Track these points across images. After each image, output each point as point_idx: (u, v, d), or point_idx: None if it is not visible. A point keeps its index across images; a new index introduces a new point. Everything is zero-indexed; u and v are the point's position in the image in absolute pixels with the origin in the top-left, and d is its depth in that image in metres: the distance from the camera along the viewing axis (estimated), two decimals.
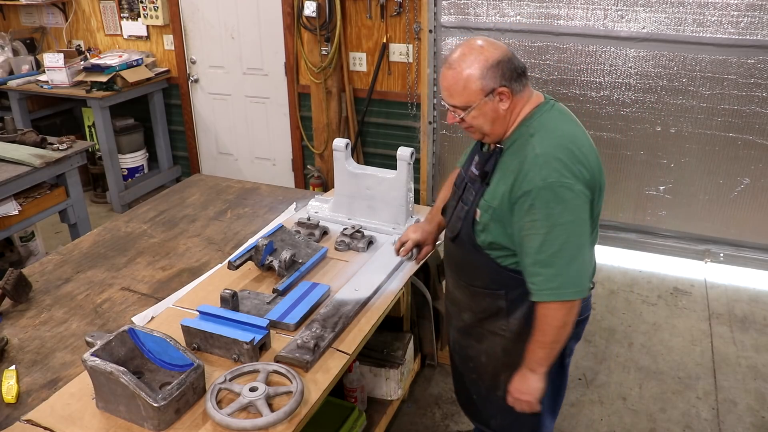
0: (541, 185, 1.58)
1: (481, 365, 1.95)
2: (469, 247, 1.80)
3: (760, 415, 2.76)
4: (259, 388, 1.60)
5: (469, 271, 1.87)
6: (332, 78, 4.31)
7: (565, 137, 1.66)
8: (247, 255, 2.19)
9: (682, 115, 3.70)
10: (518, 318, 1.80)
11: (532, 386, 1.74)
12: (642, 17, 3.58)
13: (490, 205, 1.70)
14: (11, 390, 1.75)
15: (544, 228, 1.58)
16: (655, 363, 3.09)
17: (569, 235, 1.59)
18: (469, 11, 3.90)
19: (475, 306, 1.88)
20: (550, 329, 1.65)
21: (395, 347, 2.61)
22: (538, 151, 1.61)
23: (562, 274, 1.60)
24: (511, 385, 1.80)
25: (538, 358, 1.70)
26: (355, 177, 2.54)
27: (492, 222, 1.71)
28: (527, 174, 1.60)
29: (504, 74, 1.62)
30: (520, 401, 1.78)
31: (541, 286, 1.62)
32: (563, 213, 1.58)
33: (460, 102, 1.65)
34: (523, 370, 1.76)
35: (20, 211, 3.20)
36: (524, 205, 1.61)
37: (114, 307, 2.17)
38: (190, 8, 4.83)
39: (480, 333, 1.91)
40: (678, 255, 3.97)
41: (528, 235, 1.62)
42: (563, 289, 1.60)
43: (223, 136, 5.17)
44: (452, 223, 1.88)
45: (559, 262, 1.59)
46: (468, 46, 1.64)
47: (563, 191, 1.57)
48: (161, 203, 3.00)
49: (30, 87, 4.84)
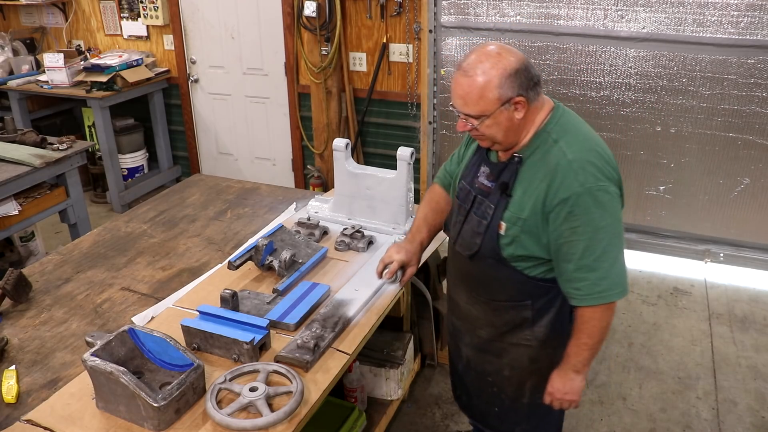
0: (579, 191, 1.56)
1: (504, 378, 1.90)
2: (492, 261, 1.73)
3: (760, 415, 2.76)
4: (259, 388, 1.60)
5: (491, 286, 1.80)
6: (332, 78, 4.31)
7: (589, 140, 1.65)
8: (247, 255, 2.19)
9: (682, 115, 3.70)
10: (544, 326, 1.78)
11: (576, 386, 1.76)
12: (642, 17, 3.58)
13: (518, 216, 1.64)
14: (11, 390, 1.75)
15: (586, 233, 1.57)
16: (655, 363, 3.09)
17: (611, 237, 1.59)
18: (469, 11, 3.90)
19: (497, 320, 1.82)
20: (597, 331, 1.66)
21: (395, 347, 2.61)
22: (570, 157, 1.59)
23: (607, 277, 1.60)
24: (552, 386, 1.79)
25: (584, 360, 1.71)
26: (355, 177, 2.54)
27: (522, 234, 1.65)
28: (563, 181, 1.57)
29: (522, 84, 1.57)
30: (563, 401, 1.79)
31: (587, 291, 1.61)
32: (603, 216, 1.57)
33: (474, 111, 1.59)
34: (566, 371, 1.75)
35: (20, 211, 3.20)
36: (562, 212, 1.58)
37: (114, 307, 2.17)
38: (190, 8, 4.83)
39: (500, 347, 1.86)
40: (678, 255, 3.97)
41: (569, 242, 1.59)
42: (609, 291, 1.61)
43: (223, 136, 5.17)
44: (466, 240, 1.79)
45: (604, 265, 1.59)
46: (484, 53, 1.58)
47: (601, 195, 1.57)
48: (161, 203, 3.00)
49: (30, 87, 4.84)
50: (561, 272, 1.66)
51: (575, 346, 1.71)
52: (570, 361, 1.73)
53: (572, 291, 1.65)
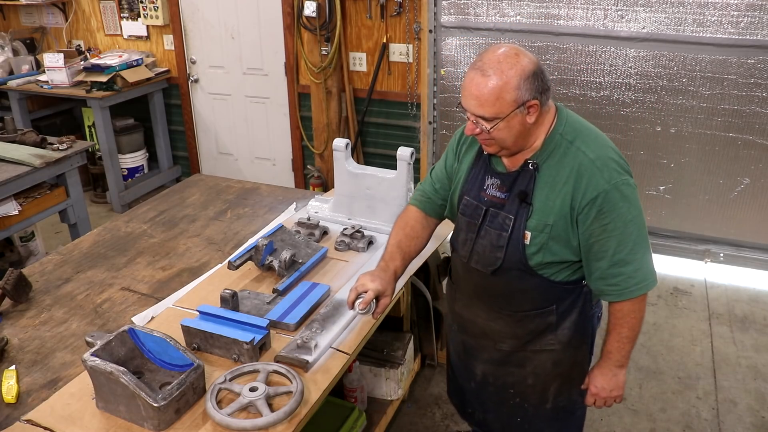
0: (607, 188, 1.56)
1: (527, 387, 1.87)
2: (518, 273, 1.69)
3: (760, 415, 2.76)
4: (259, 388, 1.60)
5: (515, 298, 1.75)
6: (332, 78, 4.31)
7: (600, 137, 1.66)
8: (247, 255, 2.19)
9: (682, 115, 3.70)
10: (567, 327, 1.76)
11: (621, 381, 1.77)
12: (642, 17, 3.58)
13: (545, 223, 1.61)
14: (11, 390, 1.74)
15: (617, 229, 1.57)
16: (655, 363, 3.09)
17: (639, 229, 1.61)
18: (469, 11, 3.90)
19: (521, 331, 1.79)
20: (638, 322, 1.68)
21: (395, 347, 2.61)
22: (592, 156, 1.58)
23: (642, 267, 1.61)
24: (596, 387, 1.79)
25: (627, 353, 1.73)
26: (355, 177, 2.54)
27: (550, 240, 1.62)
28: (590, 180, 1.57)
29: (537, 87, 1.53)
30: (609, 399, 1.81)
31: (626, 284, 1.61)
32: (630, 209, 1.59)
33: (490, 113, 1.53)
34: (609, 368, 1.75)
35: (20, 211, 3.20)
36: (592, 212, 1.57)
37: (114, 307, 2.17)
38: (190, 8, 4.83)
39: (523, 357, 1.83)
40: (678, 255, 3.97)
41: (600, 240, 1.59)
42: (645, 281, 1.62)
43: (223, 136, 5.17)
44: (485, 255, 1.72)
45: (637, 257, 1.61)
46: (503, 53, 1.53)
47: (625, 188, 1.59)
48: (161, 203, 3.00)
49: (30, 87, 4.84)
50: (592, 271, 1.65)
51: (616, 341, 1.71)
52: (612, 357, 1.74)
53: (607, 288, 1.64)
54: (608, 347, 1.74)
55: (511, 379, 1.88)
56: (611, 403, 1.83)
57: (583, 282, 1.73)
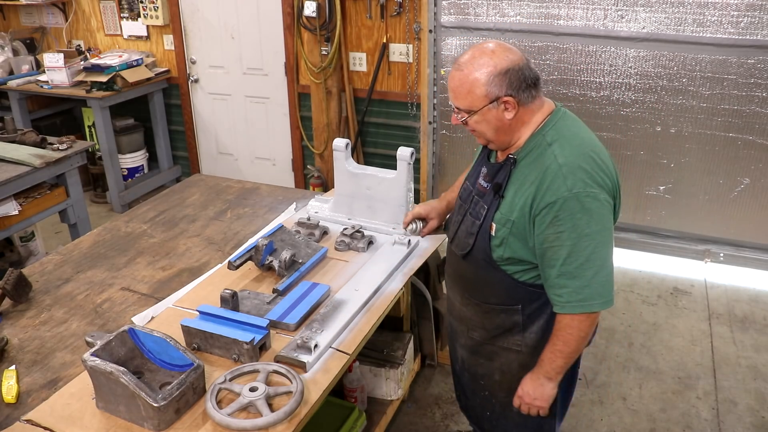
0: (566, 196, 1.54)
1: (494, 383, 1.90)
2: (484, 263, 1.73)
3: (760, 415, 2.76)
4: (259, 388, 1.60)
5: (482, 288, 1.80)
6: (332, 78, 4.31)
7: (584, 145, 1.63)
8: (247, 255, 2.19)
9: (682, 115, 3.70)
10: (534, 332, 1.77)
11: (547, 393, 1.74)
12: (642, 17, 3.58)
13: (508, 218, 1.64)
14: (11, 390, 1.74)
15: (570, 239, 1.55)
16: (655, 363, 3.09)
17: (596, 246, 1.55)
18: (469, 11, 3.90)
19: (488, 323, 1.82)
20: (573, 340, 1.64)
21: (395, 347, 2.61)
22: (561, 161, 1.57)
23: (589, 286, 1.57)
24: (523, 390, 1.78)
25: (557, 367, 1.69)
26: (355, 177, 2.54)
27: (510, 236, 1.65)
28: (551, 185, 1.56)
29: (511, 84, 1.57)
30: (532, 406, 1.78)
31: (568, 298, 1.59)
32: (590, 223, 1.54)
33: (463, 105, 1.63)
34: (538, 376, 1.73)
35: (20, 211, 3.20)
36: (548, 216, 1.56)
37: (114, 307, 2.17)
38: (190, 8, 4.83)
39: (492, 351, 1.86)
40: (678, 255, 3.97)
41: (552, 246, 1.57)
42: (590, 301, 1.58)
43: (223, 136, 5.17)
44: (461, 239, 1.80)
45: (587, 274, 1.56)
46: (479, 49, 1.60)
47: (589, 201, 1.54)
48: (161, 203, 3.00)
49: (30, 87, 4.84)
50: (545, 277, 1.65)
51: (550, 352, 1.69)
52: (543, 367, 1.71)
53: (554, 297, 1.64)
54: (543, 356, 1.72)
55: (482, 371, 1.92)
56: (534, 411, 1.79)
57: None
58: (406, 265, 2.30)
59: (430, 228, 2.22)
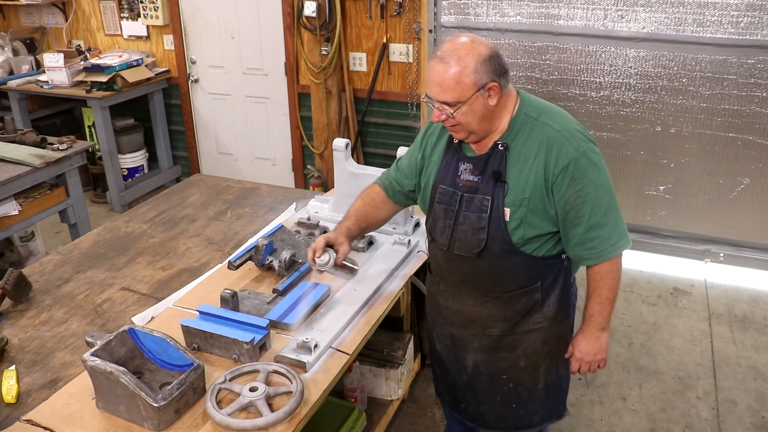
0: (576, 155, 1.64)
1: (519, 370, 1.89)
2: (502, 252, 1.72)
3: (760, 415, 2.76)
4: (259, 388, 1.60)
5: (501, 278, 1.78)
6: (332, 78, 4.31)
7: (562, 112, 1.75)
8: (247, 255, 2.19)
9: (682, 115, 3.70)
10: (552, 303, 1.81)
11: (604, 343, 1.82)
12: (642, 17, 3.58)
13: (522, 197, 1.67)
14: (11, 390, 1.75)
15: (590, 194, 1.65)
16: (655, 363, 3.09)
17: (609, 192, 1.69)
18: (469, 11, 3.90)
19: (509, 312, 1.82)
20: (616, 282, 1.74)
21: (395, 347, 2.61)
22: (558, 128, 1.67)
23: (617, 229, 1.70)
24: (581, 351, 1.83)
25: (608, 314, 1.78)
26: (355, 177, 2.54)
27: (529, 213, 1.68)
28: (560, 150, 1.64)
29: (495, 70, 1.62)
30: (594, 362, 1.85)
31: (603, 246, 1.69)
32: (600, 174, 1.67)
33: (452, 97, 1.62)
34: (592, 331, 1.80)
35: (20, 211, 3.20)
36: (565, 179, 1.64)
37: (114, 307, 2.17)
38: (190, 8, 4.83)
39: (514, 339, 1.85)
40: (678, 255, 3.97)
41: (575, 206, 1.66)
42: (621, 241, 1.71)
43: (223, 136, 5.17)
44: (467, 239, 1.75)
45: (611, 219, 1.69)
46: (458, 42, 1.64)
47: (593, 155, 1.67)
48: (161, 203, 3.00)
49: (30, 87, 4.84)
50: (570, 238, 1.71)
51: (598, 303, 1.76)
52: (595, 320, 1.79)
53: (586, 252, 1.70)
54: (590, 310, 1.79)
55: (503, 365, 1.90)
56: (595, 367, 1.87)
57: (563, 256, 1.79)
58: (406, 265, 2.30)
59: (344, 253, 1.93)
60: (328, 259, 1.91)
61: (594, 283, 1.75)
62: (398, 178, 1.99)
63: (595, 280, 1.75)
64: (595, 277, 1.74)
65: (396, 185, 1.99)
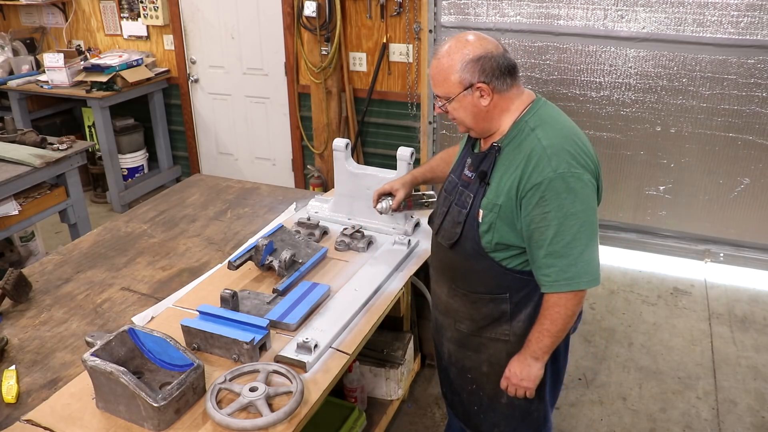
0: (551, 176, 1.57)
1: (482, 375, 1.90)
2: (472, 251, 1.75)
3: (760, 415, 2.76)
4: (259, 388, 1.60)
5: (470, 277, 1.81)
6: (332, 78, 4.31)
7: (566, 129, 1.68)
8: (247, 255, 2.19)
9: (682, 115, 3.70)
10: (522, 320, 1.78)
11: (533, 373, 1.75)
12: (642, 17, 3.58)
13: (495, 203, 1.67)
14: (11, 390, 1.75)
15: (556, 219, 1.58)
16: (655, 363, 3.09)
17: (581, 225, 1.59)
18: (469, 11, 3.90)
19: (476, 314, 1.83)
20: (561, 318, 1.66)
21: (395, 347, 2.61)
22: (545, 143, 1.61)
23: (576, 264, 1.60)
24: (510, 371, 1.78)
25: (544, 346, 1.71)
26: (355, 177, 2.54)
27: (498, 220, 1.67)
28: (537, 166, 1.59)
29: (484, 70, 1.62)
30: (519, 387, 1.78)
31: (556, 277, 1.61)
32: (575, 203, 1.58)
33: (441, 92, 1.68)
34: (525, 357, 1.75)
35: (20, 211, 3.20)
36: (534, 197, 1.59)
37: (114, 307, 2.17)
38: (190, 8, 4.83)
39: (479, 342, 1.86)
40: (678, 255, 3.97)
41: (539, 227, 1.60)
42: (578, 279, 1.61)
43: (223, 136, 5.17)
44: (447, 230, 1.81)
45: (573, 252, 1.59)
46: (456, 39, 1.67)
47: (573, 181, 1.58)
48: (161, 203, 3.00)
49: (30, 87, 4.84)
50: (533, 259, 1.67)
51: (537, 332, 1.70)
52: (530, 347, 1.73)
53: (541, 278, 1.66)
54: (530, 336, 1.74)
55: (469, 364, 1.92)
56: (522, 393, 1.79)
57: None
58: (406, 265, 2.30)
59: (398, 200, 2.20)
60: (385, 205, 2.21)
61: (542, 310, 1.69)
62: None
63: (544, 308, 1.69)
64: (544, 305, 1.68)
65: None
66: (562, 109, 1.78)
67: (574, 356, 3.08)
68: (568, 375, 2.98)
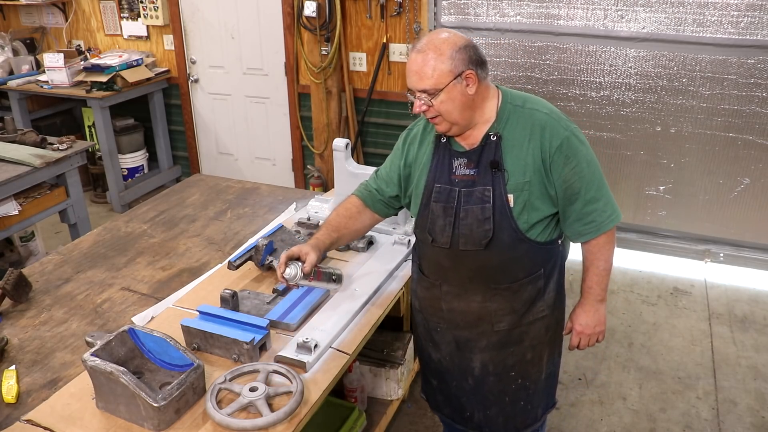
0: (566, 135, 1.70)
1: (527, 363, 1.90)
2: (510, 240, 1.73)
3: (760, 415, 2.76)
4: (259, 388, 1.60)
5: (510, 267, 1.79)
6: (332, 78, 4.31)
7: (543, 100, 1.81)
8: (247, 255, 2.19)
9: (682, 115, 3.70)
10: (552, 290, 1.85)
11: (603, 315, 1.89)
12: (642, 17, 3.58)
13: (523, 181, 1.70)
14: (11, 390, 1.75)
15: (583, 170, 1.71)
16: (655, 363, 3.09)
17: (598, 168, 1.76)
18: (469, 11, 3.90)
19: (517, 302, 1.82)
20: (611, 254, 1.81)
21: (395, 347, 2.61)
22: (545, 111, 1.73)
23: (609, 201, 1.77)
24: (581, 324, 1.89)
25: (605, 286, 1.85)
26: (355, 177, 2.54)
27: (531, 196, 1.71)
28: (552, 131, 1.70)
29: (471, 58, 1.66)
30: (593, 335, 1.90)
31: (600, 219, 1.75)
32: (588, 151, 1.75)
33: (429, 85, 1.65)
34: (591, 304, 1.86)
35: (20, 211, 3.20)
36: (560, 158, 1.70)
37: (114, 307, 2.17)
38: (190, 8, 4.83)
39: (521, 332, 1.86)
40: (678, 255, 3.97)
41: (572, 182, 1.71)
42: (615, 214, 1.77)
43: (223, 136, 5.17)
44: (474, 232, 1.73)
45: (604, 192, 1.76)
46: (435, 34, 1.69)
47: (579, 134, 1.75)
48: (161, 203, 3.00)
49: (30, 87, 4.84)
50: (568, 215, 1.76)
51: (596, 275, 1.82)
52: (594, 293, 1.84)
53: (585, 227, 1.75)
54: (588, 283, 1.85)
55: (512, 360, 1.90)
56: (594, 341, 1.92)
57: (559, 241, 1.83)
58: (406, 265, 2.30)
59: (310, 263, 1.87)
60: (294, 272, 1.85)
61: (591, 256, 1.81)
62: (379, 187, 2.00)
63: (593, 253, 1.80)
64: (593, 250, 1.80)
65: (376, 194, 1.99)
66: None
67: (574, 356, 3.09)
68: (569, 375, 2.99)
